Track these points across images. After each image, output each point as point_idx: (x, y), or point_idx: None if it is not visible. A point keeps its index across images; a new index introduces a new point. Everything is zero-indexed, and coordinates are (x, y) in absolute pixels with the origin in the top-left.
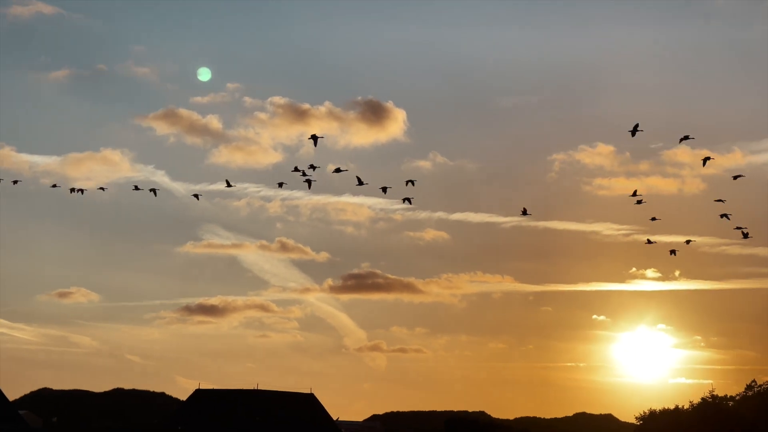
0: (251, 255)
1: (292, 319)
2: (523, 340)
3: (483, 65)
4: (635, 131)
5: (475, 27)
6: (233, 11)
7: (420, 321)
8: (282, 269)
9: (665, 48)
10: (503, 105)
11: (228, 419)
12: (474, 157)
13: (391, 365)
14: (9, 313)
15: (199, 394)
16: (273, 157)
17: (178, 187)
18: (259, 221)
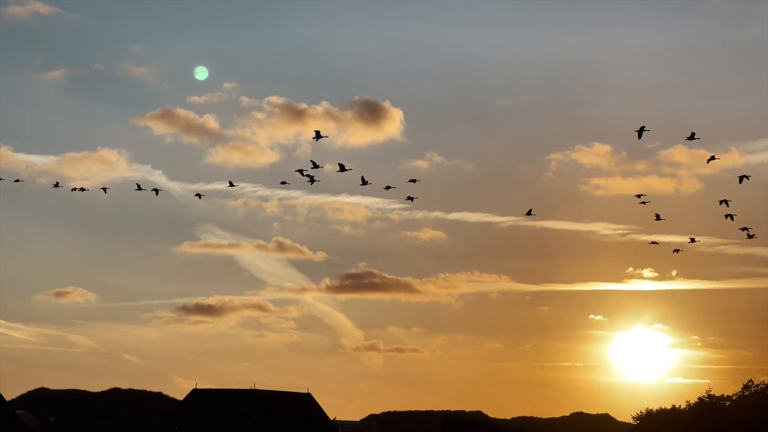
0: (248, 255)
1: (289, 319)
2: (520, 339)
3: (482, 65)
4: (641, 132)
5: (475, 27)
6: (230, 11)
7: (417, 321)
8: (279, 269)
9: (663, 48)
10: (501, 105)
11: (225, 419)
12: (471, 157)
13: (388, 365)
14: (6, 313)
15: (196, 393)
16: (270, 157)
17: (175, 187)
18: (256, 221)
